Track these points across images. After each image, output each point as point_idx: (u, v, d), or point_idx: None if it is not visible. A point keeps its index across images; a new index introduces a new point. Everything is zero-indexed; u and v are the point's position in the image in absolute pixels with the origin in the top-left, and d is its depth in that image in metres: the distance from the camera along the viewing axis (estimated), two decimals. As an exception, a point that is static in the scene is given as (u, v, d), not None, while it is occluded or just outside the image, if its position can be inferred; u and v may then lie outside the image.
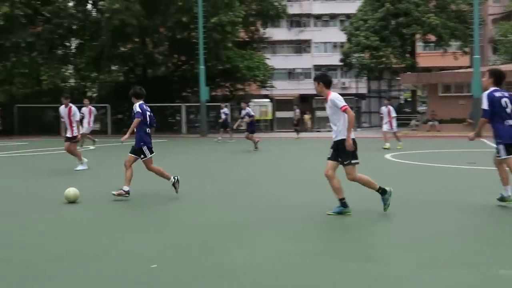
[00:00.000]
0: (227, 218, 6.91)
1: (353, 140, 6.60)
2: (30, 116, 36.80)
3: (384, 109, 19.75)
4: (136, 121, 8.53)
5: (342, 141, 6.62)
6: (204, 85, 33.16)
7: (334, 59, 51.19)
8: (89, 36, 38.25)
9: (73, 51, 40.84)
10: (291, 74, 57.56)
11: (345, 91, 49.99)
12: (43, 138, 30.00)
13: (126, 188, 8.36)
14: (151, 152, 8.61)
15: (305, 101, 46.06)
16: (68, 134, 12.56)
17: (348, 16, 50.96)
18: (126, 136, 8.53)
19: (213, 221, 6.69)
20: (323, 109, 8.07)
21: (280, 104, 39.89)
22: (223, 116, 26.73)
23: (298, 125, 31.87)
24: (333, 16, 56.85)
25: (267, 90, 45.21)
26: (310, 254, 5.04)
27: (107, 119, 37.68)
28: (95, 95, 45.71)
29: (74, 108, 12.71)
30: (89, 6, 39.44)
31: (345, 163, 6.69)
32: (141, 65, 39.61)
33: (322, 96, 6.88)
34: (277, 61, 50.37)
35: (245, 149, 19.09)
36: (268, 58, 42.95)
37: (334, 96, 6.73)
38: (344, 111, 6.55)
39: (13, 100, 40.80)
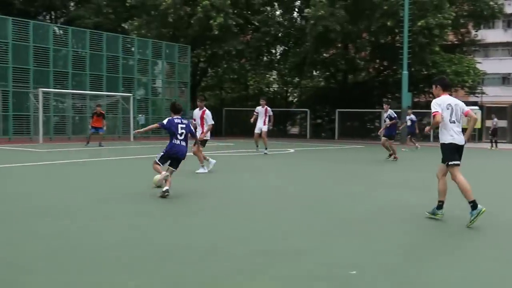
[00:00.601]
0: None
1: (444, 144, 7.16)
2: (236, 118, 39.52)
3: None
4: (154, 125, 9.46)
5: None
6: (407, 90, 32.12)
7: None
8: (293, 43, 39.63)
9: (278, 57, 42.54)
10: (505, 80, 53.20)
11: None
12: (247, 139, 31.80)
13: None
14: (161, 158, 8.85)
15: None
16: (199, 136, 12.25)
17: None
18: (139, 130, 9.62)
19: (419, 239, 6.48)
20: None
21: (491, 112, 37.03)
22: (409, 123, 25.66)
23: (495, 135, 29.42)
24: (558, 14, 51.18)
25: (477, 96, 42.36)
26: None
27: (306, 123, 38.61)
28: (295, 100, 47.26)
29: (207, 111, 12.86)
30: (295, 14, 40.79)
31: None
32: (343, 70, 39.75)
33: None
34: (489, 65, 46.91)
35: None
36: (479, 62, 40.02)
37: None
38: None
39: (222, 104, 44.24)
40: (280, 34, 39.19)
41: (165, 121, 8.97)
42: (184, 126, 8.95)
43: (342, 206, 8.21)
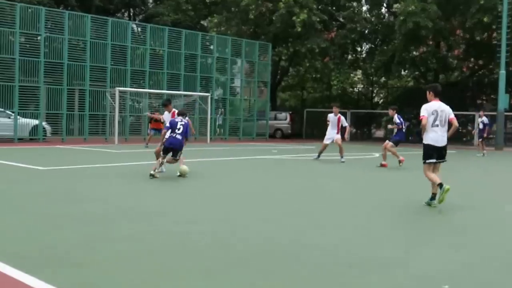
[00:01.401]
0: None
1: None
2: (317, 120, 38.25)
3: None
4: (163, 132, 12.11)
5: None
6: (504, 91, 29.67)
7: None
8: (381, 40, 38.38)
9: (363, 56, 41.41)
10: None
11: None
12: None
13: None
14: (163, 150, 11.73)
15: None
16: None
17: None
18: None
19: None
20: None
21: None
22: (481, 126, 23.53)
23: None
24: None
25: None
26: None
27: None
28: (381, 101, 45.52)
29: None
30: (382, 10, 39.30)
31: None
32: (433, 70, 37.99)
33: None
34: None
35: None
36: None
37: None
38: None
39: (303, 105, 43.15)
40: (366, 31, 38.08)
41: (167, 124, 12.00)
42: (183, 123, 11.81)
43: (430, 216, 8.06)
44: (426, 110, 8.62)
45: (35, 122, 24.59)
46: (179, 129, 11.70)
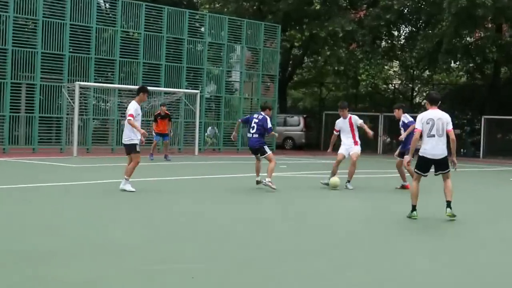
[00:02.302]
0: None
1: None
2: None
3: None
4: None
5: None
6: None
7: None
8: (424, 22, 38.23)
9: (402, 42, 41.41)
10: None
11: None
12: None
13: None
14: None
15: None
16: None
17: None
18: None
19: None
20: None
21: None
22: None
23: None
24: None
25: None
26: None
27: None
28: (424, 101, 45.41)
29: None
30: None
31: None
32: (493, 61, 37.83)
33: None
34: None
35: None
36: None
37: None
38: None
39: (322, 106, 43.03)
40: (406, 10, 38.00)
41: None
42: (257, 121, 14.52)
43: None
44: (419, 121, 10.40)
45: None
46: (253, 128, 14.46)
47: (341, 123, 16.06)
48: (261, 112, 14.79)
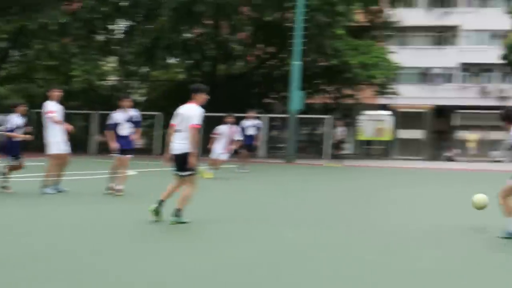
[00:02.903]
0: None
1: None
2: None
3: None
4: None
5: None
6: (298, 88, 31.68)
7: (491, 55, 48.75)
8: (144, 16, 38.11)
9: (119, 36, 41.05)
10: (425, 76, 55.36)
11: (505, 101, 47.16)
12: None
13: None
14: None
15: (442, 115, 46.68)
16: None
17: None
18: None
19: None
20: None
21: (405, 119, 38.06)
22: (252, 132, 25.04)
23: (339, 148, 29.76)
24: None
25: (388, 98, 44.13)
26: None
27: (153, 134, 37.33)
28: (143, 98, 45.48)
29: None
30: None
31: None
32: (211, 58, 39.07)
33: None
34: (406, 56, 48.07)
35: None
36: (394, 52, 41.12)
37: None
38: None
39: (32, 103, 40.92)
40: (123, 3, 37.60)
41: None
42: None
43: None
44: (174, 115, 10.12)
45: None
46: None
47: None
48: None
